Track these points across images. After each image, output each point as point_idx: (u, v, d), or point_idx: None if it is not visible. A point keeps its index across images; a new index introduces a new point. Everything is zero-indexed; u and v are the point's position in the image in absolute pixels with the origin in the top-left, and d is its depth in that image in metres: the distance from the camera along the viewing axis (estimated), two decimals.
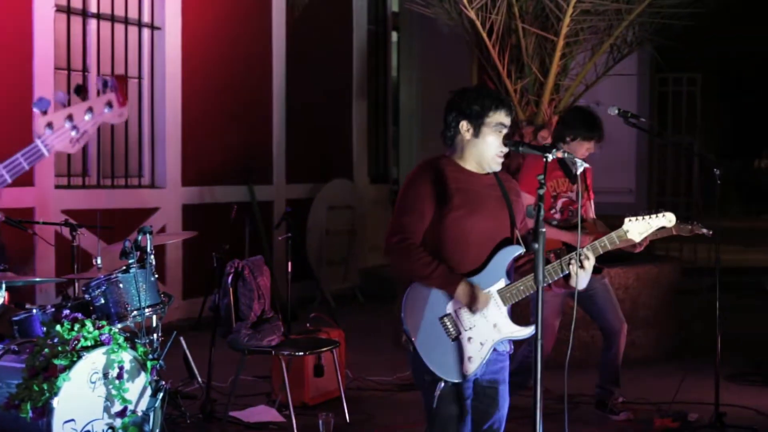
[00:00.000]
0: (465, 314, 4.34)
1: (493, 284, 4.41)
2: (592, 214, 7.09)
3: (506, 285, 4.42)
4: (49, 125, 2.76)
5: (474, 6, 9.51)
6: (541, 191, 4.01)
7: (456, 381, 4.33)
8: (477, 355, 4.35)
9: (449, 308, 4.32)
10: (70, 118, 2.78)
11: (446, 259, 4.36)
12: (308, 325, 7.85)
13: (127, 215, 10.26)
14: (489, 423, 4.50)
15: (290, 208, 8.34)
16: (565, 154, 4.37)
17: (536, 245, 3.89)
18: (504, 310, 4.43)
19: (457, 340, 4.30)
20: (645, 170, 15.01)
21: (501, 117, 4.43)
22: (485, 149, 4.42)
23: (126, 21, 10.71)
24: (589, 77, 10.35)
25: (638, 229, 4.69)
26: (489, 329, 4.38)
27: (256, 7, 12.25)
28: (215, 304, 6.96)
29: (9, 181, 2.76)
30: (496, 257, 4.43)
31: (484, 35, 10.13)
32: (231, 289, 6.82)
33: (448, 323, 4.30)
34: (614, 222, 4.80)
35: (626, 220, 4.69)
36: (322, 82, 13.25)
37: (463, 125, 4.44)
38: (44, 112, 2.77)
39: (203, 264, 9.86)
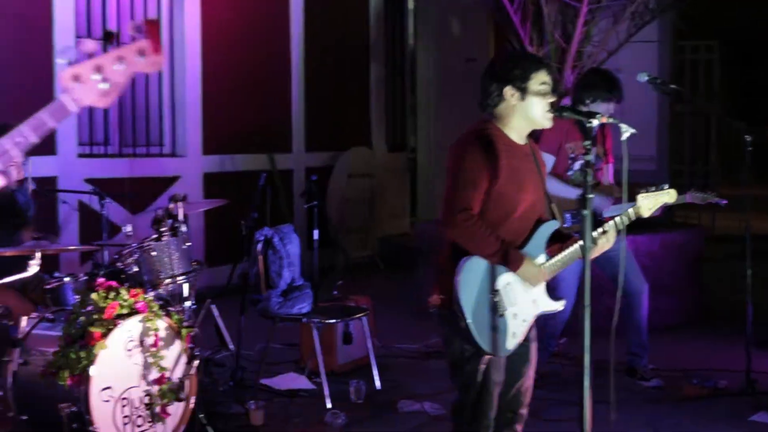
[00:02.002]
0: (512, 290, 4.34)
1: (536, 259, 4.41)
2: (609, 179, 7.05)
3: (545, 261, 4.42)
4: (76, 77, 2.46)
5: None
6: (588, 157, 3.99)
7: (500, 356, 4.34)
8: (519, 331, 4.38)
9: (499, 284, 4.31)
10: (98, 69, 2.47)
11: (493, 230, 4.34)
12: (335, 292, 7.83)
13: (149, 184, 10.25)
14: (521, 380, 4.53)
15: (315, 177, 8.29)
16: (611, 119, 4.34)
17: (585, 212, 3.87)
18: (543, 286, 4.46)
19: (503, 316, 4.30)
20: (665, 138, 14.94)
21: (543, 76, 4.39)
22: (533, 111, 4.38)
23: None
24: (612, 44, 10.28)
25: (647, 204, 4.71)
26: (529, 305, 4.41)
27: None
28: (244, 271, 6.95)
29: (36, 141, 2.51)
30: (537, 232, 4.44)
31: (506, 2, 10.07)
32: (261, 257, 6.80)
33: (497, 299, 4.29)
34: (636, 190, 4.80)
35: (639, 196, 4.70)
36: (340, 50, 13.18)
37: (508, 91, 4.39)
38: (70, 63, 2.50)
39: (225, 232, 9.89)
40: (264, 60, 11.92)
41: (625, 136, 4.33)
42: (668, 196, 4.78)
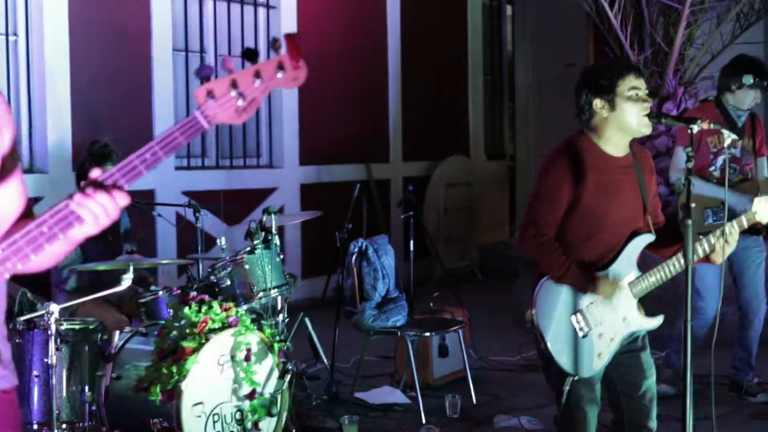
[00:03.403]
0: (596, 310, 4.19)
1: (625, 276, 4.25)
2: (765, 173, 6.75)
3: (637, 277, 4.25)
4: (211, 94, 2.36)
5: None
6: (690, 164, 3.82)
7: (584, 376, 4.19)
8: (606, 351, 4.21)
9: (581, 304, 4.17)
10: (234, 84, 2.36)
11: (579, 246, 4.22)
12: (431, 304, 7.73)
13: (246, 195, 10.26)
14: (641, 391, 4.33)
15: (412, 186, 8.21)
16: (711, 125, 4.15)
17: (688, 221, 3.69)
18: (634, 302, 4.27)
19: (587, 336, 4.16)
20: None
21: (632, 81, 4.21)
22: (627, 119, 4.21)
23: (242, 1, 10.68)
24: (715, 47, 10.01)
25: (765, 209, 4.43)
26: (618, 323, 4.23)
27: None
28: (339, 284, 6.89)
29: (164, 158, 2.40)
30: (628, 247, 4.26)
31: (606, 5, 9.88)
32: (355, 269, 6.73)
33: (579, 320, 4.16)
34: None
35: (755, 199, 4.44)
36: (437, 58, 13.09)
37: (597, 103, 4.24)
38: (206, 79, 2.39)
39: (322, 243, 9.85)
40: (361, 69, 11.89)
41: (726, 142, 4.16)
42: None
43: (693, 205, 3.69)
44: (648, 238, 4.30)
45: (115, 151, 6.48)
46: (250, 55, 2.39)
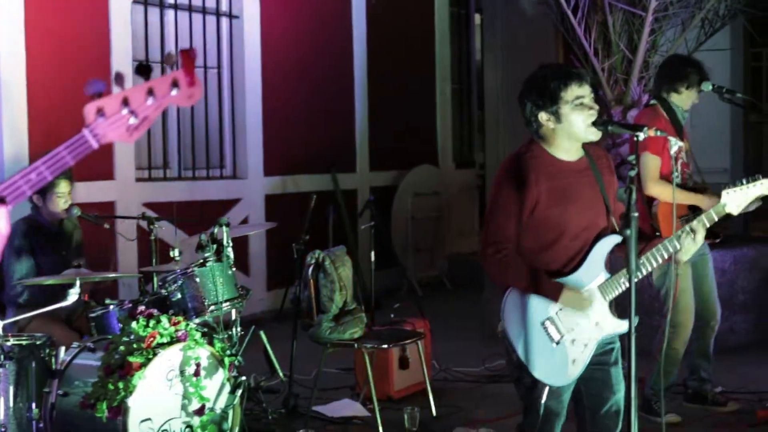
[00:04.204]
0: (566, 315, 4.11)
1: (594, 279, 4.16)
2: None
3: (606, 280, 4.17)
4: (101, 111, 2.31)
5: None
6: (632, 173, 3.74)
7: (560, 385, 4.11)
8: (580, 357, 4.14)
9: (550, 311, 4.10)
10: (126, 102, 2.31)
11: (541, 257, 4.15)
12: (392, 315, 7.65)
13: (209, 207, 10.15)
14: (606, 407, 4.27)
15: (373, 197, 8.15)
16: (658, 133, 4.09)
17: (627, 231, 3.61)
18: (606, 306, 4.18)
19: (559, 343, 4.08)
20: (739, 148, 14.52)
21: (575, 90, 4.13)
22: (574, 129, 4.14)
23: (204, 10, 10.59)
24: (680, 53, 9.97)
25: (736, 200, 4.39)
26: (591, 328, 4.15)
27: None
28: (296, 296, 6.80)
29: (49, 178, 2.34)
30: (593, 251, 4.17)
31: (569, 13, 9.86)
32: (312, 281, 6.64)
33: (549, 327, 4.09)
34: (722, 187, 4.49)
35: (723, 192, 4.39)
36: (405, 67, 13.02)
37: (542, 116, 4.17)
38: (97, 96, 2.33)
39: (287, 255, 9.75)
40: (326, 78, 11.81)
41: (673, 150, 4.09)
42: (764, 187, 4.40)
43: (636, 214, 3.60)
44: (614, 240, 4.21)
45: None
46: (142, 70, 2.31)
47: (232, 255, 6.07)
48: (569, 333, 4.11)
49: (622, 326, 4.20)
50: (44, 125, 8.67)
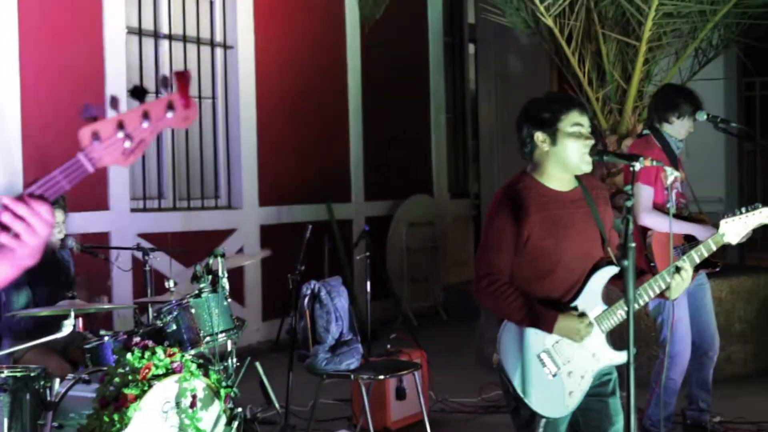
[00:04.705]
0: (563, 347, 4.09)
1: (590, 311, 4.13)
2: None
3: (603, 311, 4.14)
4: (96, 135, 2.26)
5: (551, 13, 9.22)
6: (629, 203, 3.73)
7: (557, 417, 4.08)
8: (578, 389, 4.11)
9: (547, 343, 4.07)
10: (121, 125, 2.26)
11: (537, 288, 4.13)
12: (389, 346, 7.60)
13: (205, 237, 10.13)
14: None
15: (368, 227, 8.12)
16: (653, 163, 4.08)
17: (625, 262, 3.59)
18: (602, 337, 4.16)
19: (556, 375, 4.05)
20: (734, 178, 14.51)
21: (575, 117, 4.14)
22: (567, 155, 4.13)
23: (198, 41, 10.61)
24: (673, 83, 9.97)
25: (735, 230, 4.38)
26: (588, 360, 4.13)
27: (330, 23, 12.10)
28: (292, 327, 6.77)
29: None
30: (590, 282, 4.15)
31: (563, 42, 9.85)
32: (307, 312, 6.60)
33: (546, 360, 4.06)
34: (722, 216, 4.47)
35: (722, 222, 4.38)
36: (399, 97, 13.04)
37: (538, 136, 4.17)
38: (92, 119, 2.29)
39: (282, 285, 9.71)
40: (321, 108, 11.82)
41: (669, 180, 4.09)
42: (763, 216, 4.40)
43: (633, 245, 3.58)
44: (611, 271, 4.19)
45: (63, 195, 6.34)
46: (137, 93, 2.29)
47: (227, 286, 6.04)
48: (566, 365, 4.08)
49: (618, 357, 4.17)
50: (38, 153, 8.66)
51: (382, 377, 6.66)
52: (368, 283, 7.68)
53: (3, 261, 2.33)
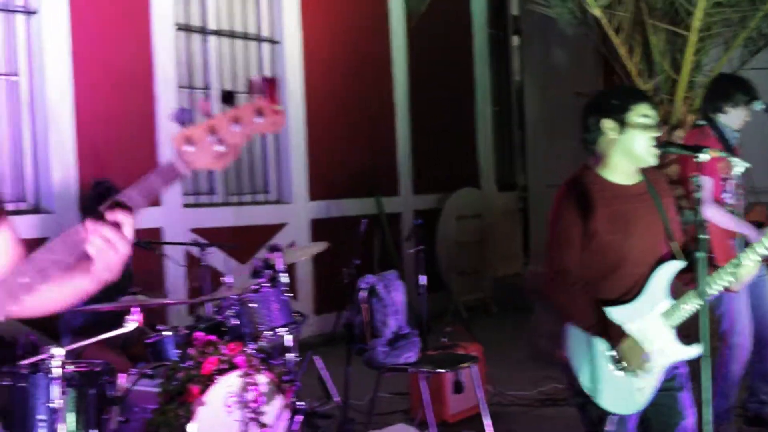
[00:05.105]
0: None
1: (656, 306, 4.08)
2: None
3: (671, 306, 4.09)
4: (189, 140, 2.30)
5: (600, 3, 9.16)
6: (698, 195, 3.69)
7: (627, 413, 4.05)
8: (648, 385, 4.04)
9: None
10: (212, 130, 2.30)
11: (603, 283, 4.09)
12: (444, 339, 7.59)
13: (255, 232, 10.17)
14: None
15: (420, 220, 8.09)
16: (719, 153, 4.03)
17: (700, 254, 3.55)
18: (671, 333, 4.09)
19: (625, 372, 4.02)
20: None
21: (644, 109, 4.09)
22: (634, 145, 4.08)
23: (245, 36, 10.64)
24: (727, 72, 9.88)
25: None
26: (657, 356, 4.05)
27: (375, 17, 12.09)
28: (349, 321, 6.77)
29: (144, 205, 2.40)
30: (655, 277, 4.09)
31: (611, 33, 9.79)
32: (365, 306, 6.61)
33: (615, 356, 4.02)
34: None
35: None
36: (445, 90, 13.02)
37: (606, 123, 4.12)
38: (184, 124, 2.34)
39: (334, 279, 9.73)
40: (368, 102, 11.82)
41: (738, 170, 4.03)
42: None
43: (707, 237, 3.54)
44: (676, 265, 4.12)
45: (117, 191, 6.39)
46: (228, 98, 2.32)
47: (286, 280, 6.05)
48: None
49: (687, 352, 4.11)
50: (91, 152, 8.72)
51: (441, 371, 6.65)
52: (423, 277, 7.66)
53: (84, 276, 2.36)
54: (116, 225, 2.35)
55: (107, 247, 2.34)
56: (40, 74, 8.49)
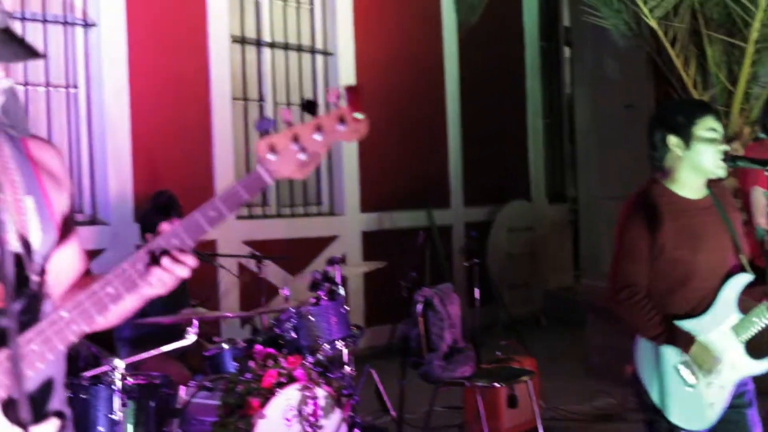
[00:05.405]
0: None
1: (725, 320, 4.04)
2: None
3: (740, 320, 4.05)
4: (272, 148, 2.30)
5: (656, 15, 9.11)
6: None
7: (698, 429, 4.01)
8: (718, 400, 4.01)
9: (685, 355, 4.00)
10: (295, 138, 2.30)
11: (671, 298, 4.06)
12: (498, 353, 7.57)
13: (307, 244, 10.18)
14: None
15: (475, 233, 8.07)
16: None
17: None
18: (740, 347, 4.06)
19: (694, 387, 3.98)
20: None
21: (710, 122, 4.07)
22: (701, 160, 4.06)
23: (299, 48, 10.68)
24: None
25: None
26: (727, 371, 4.03)
27: (427, 29, 12.09)
28: (405, 333, 6.76)
29: (228, 215, 2.36)
30: (724, 291, 4.06)
31: (667, 45, 9.72)
32: (421, 319, 6.59)
33: (683, 371, 3.98)
34: None
35: None
36: (497, 102, 12.99)
37: (672, 140, 4.10)
38: (266, 133, 2.34)
39: (385, 291, 9.73)
40: (420, 114, 11.81)
41: None
42: None
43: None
44: (745, 279, 4.10)
45: (178, 203, 6.44)
46: (309, 107, 2.31)
47: (343, 293, 6.06)
48: (705, 376, 4.01)
49: (758, 367, 4.08)
50: (147, 162, 8.79)
51: (497, 385, 6.62)
52: (477, 290, 7.64)
53: (135, 294, 2.37)
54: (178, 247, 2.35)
55: (164, 280, 2.36)
56: (98, 86, 8.58)
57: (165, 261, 2.33)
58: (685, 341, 3.98)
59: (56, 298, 2.50)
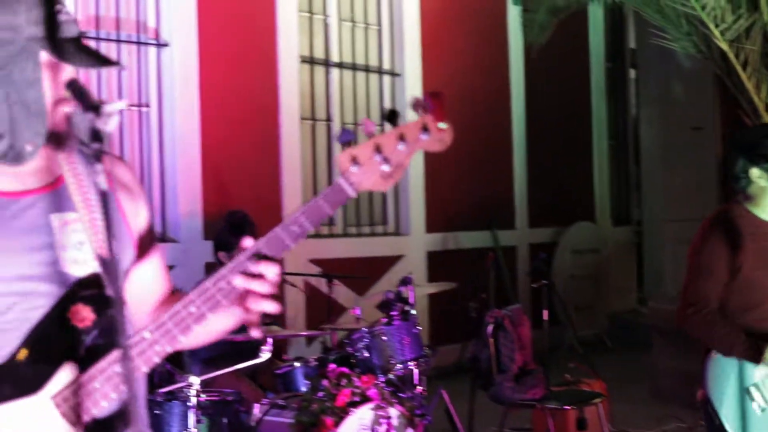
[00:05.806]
0: None
1: None
2: None
3: None
4: (354, 160, 2.22)
5: (727, 37, 9.03)
6: None
7: None
8: None
9: (756, 377, 3.96)
10: (378, 149, 2.22)
11: (745, 318, 4.03)
12: (567, 375, 7.52)
13: (373, 263, 10.20)
14: None
15: (544, 254, 8.04)
16: None
17: None
18: None
19: (765, 410, 3.93)
20: None
21: None
22: None
23: (367, 69, 10.72)
24: None
25: None
26: None
27: (494, 50, 12.10)
28: (475, 354, 6.74)
29: (310, 229, 2.27)
30: None
31: (738, 68, 9.64)
32: (491, 340, 6.58)
33: (755, 394, 3.94)
34: None
35: None
36: (562, 123, 12.95)
37: (755, 173, 4.09)
38: (347, 145, 2.25)
39: (449, 311, 9.72)
40: (486, 135, 11.80)
41: None
42: None
43: None
44: None
45: (252, 222, 6.49)
46: (391, 117, 2.27)
47: (416, 313, 6.06)
48: None
49: None
50: (216, 180, 8.86)
51: (568, 407, 6.58)
52: (545, 312, 7.59)
53: (218, 313, 2.31)
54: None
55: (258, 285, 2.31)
56: (170, 105, 8.67)
57: (261, 266, 2.26)
58: (757, 352, 3.94)
59: (140, 317, 2.47)
